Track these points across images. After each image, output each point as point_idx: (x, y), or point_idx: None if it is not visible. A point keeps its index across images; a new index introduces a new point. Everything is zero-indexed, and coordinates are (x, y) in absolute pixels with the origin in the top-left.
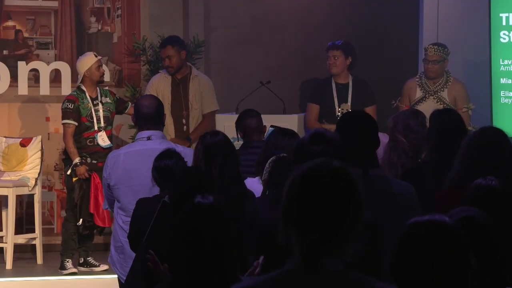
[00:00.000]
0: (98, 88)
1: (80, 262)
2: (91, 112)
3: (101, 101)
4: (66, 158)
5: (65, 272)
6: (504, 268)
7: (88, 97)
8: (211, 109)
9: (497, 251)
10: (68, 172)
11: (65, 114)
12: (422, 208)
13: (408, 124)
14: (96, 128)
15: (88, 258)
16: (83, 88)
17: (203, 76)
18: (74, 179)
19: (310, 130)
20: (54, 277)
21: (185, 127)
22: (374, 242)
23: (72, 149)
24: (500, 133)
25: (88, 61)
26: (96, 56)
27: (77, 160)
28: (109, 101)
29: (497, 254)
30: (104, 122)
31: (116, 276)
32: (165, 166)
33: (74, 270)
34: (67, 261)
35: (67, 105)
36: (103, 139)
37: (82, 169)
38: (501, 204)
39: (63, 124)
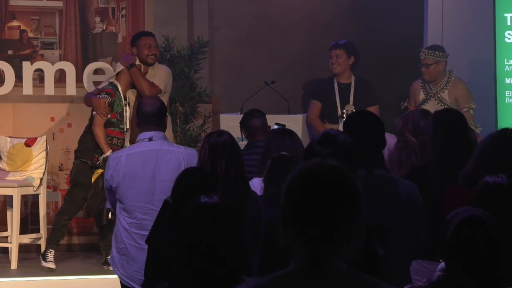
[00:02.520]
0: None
1: (103, 261)
2: (122, 111)
3: (128, 103)
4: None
5: (44, 264)
6: (504, 267)
7: (122, 95)
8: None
9: (499, 250)
10: (99, 161)
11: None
12: (427, 207)
13: (418, 124)
14: (124, 129)
15: (108, 257)
16: (117, 84)
17: (161, 66)
18: (96, 175)
19: (311, 126)
20: (59, 277)
21: None
22: (380, 241)
23: (103, 139)
24: None
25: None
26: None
27: (109, 153)
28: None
29: (499, 254)
30: (129, 125)
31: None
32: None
33: (52, 266)
34: (50, 252)
35: (105, 97)
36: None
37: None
38: (508, 201)
39: (94, 114)
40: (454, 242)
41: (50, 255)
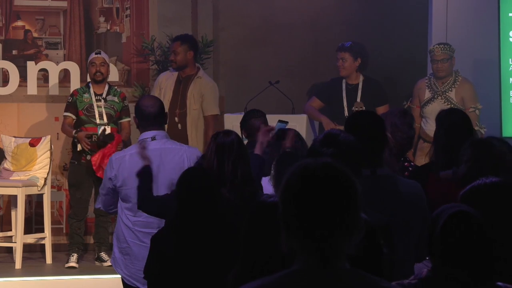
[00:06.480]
0: (108, 85)
1: (95, 257)
2: (90, 107)
3: (104, 98)
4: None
5: (66, 264)
6: (497, 263)
7: (92, 92)
8: (210, 113)
9: (490, 246)
10: (79, 149)
11: (65, 106)
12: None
13: (395, 123)
14: (98, 122)
15: (100, 254)
16: (90, 84)
17: (208, 79)
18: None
19: (312, 122)
20: (63, 276)
21: (179, 125)
22: (385, 241)
23: (66, 128)
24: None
25: (89, 59)
26: (95, 54)
27: (73, 132)
28: (116, 100)
29: (490, 249)
30: (106, 119)
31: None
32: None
33: (73, 264)
34: (72, 255)
35: (68, 98)
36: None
37: (81, 134)
38: (500, 199)
39: (63, 115)
40: (441, 237)
41: (72, 258)
